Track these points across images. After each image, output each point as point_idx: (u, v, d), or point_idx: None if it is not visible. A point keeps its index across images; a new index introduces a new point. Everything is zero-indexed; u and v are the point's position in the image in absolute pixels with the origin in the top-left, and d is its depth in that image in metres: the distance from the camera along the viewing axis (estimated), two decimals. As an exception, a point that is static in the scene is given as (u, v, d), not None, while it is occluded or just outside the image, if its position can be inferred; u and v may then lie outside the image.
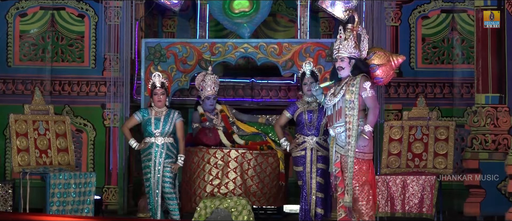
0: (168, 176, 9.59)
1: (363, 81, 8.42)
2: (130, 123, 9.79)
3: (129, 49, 11.30)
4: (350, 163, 8.40)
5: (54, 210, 9.53)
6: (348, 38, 8.53)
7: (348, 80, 8.50)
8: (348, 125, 8.41)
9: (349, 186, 8.39)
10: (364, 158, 8.46)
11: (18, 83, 11.80)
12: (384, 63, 8.66)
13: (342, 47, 8.52)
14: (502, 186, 10.10)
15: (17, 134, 9.88)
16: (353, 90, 8.41)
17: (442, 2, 11.94)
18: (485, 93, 10.47)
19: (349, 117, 8.41)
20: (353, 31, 8.58)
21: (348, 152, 8.40)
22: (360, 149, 8.41)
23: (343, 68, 8.53)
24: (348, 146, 8.41)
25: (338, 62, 8.55)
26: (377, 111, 8.48)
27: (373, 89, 8.44)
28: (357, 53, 8.55)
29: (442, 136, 10.17)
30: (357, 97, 8.40)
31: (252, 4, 11.67)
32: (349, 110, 8.42)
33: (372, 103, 8.43)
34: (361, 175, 8.44)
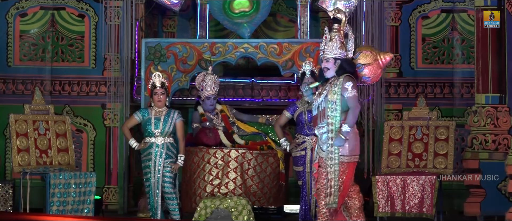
0: (168, 176, 9.59)
1: (345, 81, 8.29)
2: (130, 123, 9.79)
3: (129, 49, 11.30)
4: (334, 166, 8.24)
5: (54, 210, 9.53)
6: (333, 39, 8.43)
7: (333, 80, 8.40)
8: (330, 127, 8.28)
9: (334, 188, 8.25)
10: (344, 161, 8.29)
11: (18, 83, 11.80)
12: (371, 62, 8.55)
13: (327, 48, 8.42)
14: (502, 186, 10.10)
15: (17, 134, 9.88)
16: (336, 91, 8.29)
17: (442, 2, 11.94)
18: (485, 93, 10.47)
19: (331, 118, 8.27)
20: (340, 31, 8.49)
21: (332, 154, 8.23)
22: (341, 153, 8.24)
23: (329, 69, 8.41)
24: (331, 148, 8.25)
25: (324, 63, 8.44)
26: (357, 112, 8.33)
27: (355, 90, 8.30)
28: (343, 53, 8.43)
29: (442, 136, 10.17)
30: (339, 97, 8.28)
31: (252, 4, 11.67)
32: (331, 111, 8.29)
33: (353, 103, 8.29)
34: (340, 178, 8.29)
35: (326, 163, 8.26)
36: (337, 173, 8.23)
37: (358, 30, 11.26)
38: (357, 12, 11.33)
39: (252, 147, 10.16)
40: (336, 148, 8.21)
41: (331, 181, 8.25)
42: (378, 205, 9.80)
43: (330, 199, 8.26)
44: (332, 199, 8.26)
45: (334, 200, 8.26)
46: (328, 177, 8.25)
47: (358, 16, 11.32)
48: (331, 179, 8.25)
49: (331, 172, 8.24)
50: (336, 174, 8.23)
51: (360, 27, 11.28)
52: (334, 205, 8.27)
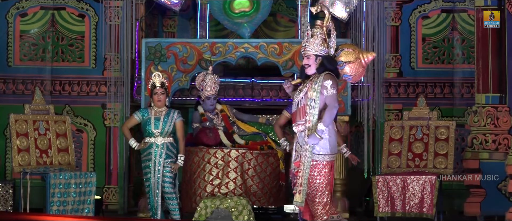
0: (168, 176, 9.59)
1: (325, 79, 8.24)
2: (130, 123, 9.79)
3: (130, 49, 11.29)
4: (306, 164, 8.21)
5: (54, 210, 9.53)
6: (315, 35, 8.38)
7: (313, 77, 8.35)
8: (307, 124, 8.25)
9: (303, 186, 8.21)
10: (325, 159, 8.27)
11: (18, 83, 11.80)
12: (352, 60, 8.46)
13: (308, 44, 8.36)
14: (503, 186, 10.11)
15: (18, 134, 9.88)
16: (315, 88, 8.24)
17: (442, 2, 11.94)
18: (485, 93, 10.47)
19: (309, 115, 8.23)
20: (322, 28, 8.44)
21: (305, 152, 8.22)
22: (318, 152, 8.22)
23: (309, 66, 8.36)
24: (306, 145, 8.23)
25: (305, 60, 8.40)
26: (335, 111, 8.25)
27: (334, 88, 8.25)
28: (325, 50, 8.37)
29: (442, 136, 10.17)
30: (318, 95, 8.23)
31: (253, 4, 11.66)
32: (310, 108, 8.24)
33: (331, 102, 8.23)
34: (322, 179, 8.25)
35: (301, 160, 8.26)
36: (307, 171, 8.20)
37: (358, 30, 11.26)
38: (357, 12, 11.33)
39: (252, 147, 10.16)
40: (309, 146, 8.19)
41: (301, 178, 8.23)
42: (378, 205, 9.80)
43: (299, 197, 8.23)
44: (301, 197, 8.22)
45: (302, 199, 8.21)
46: (299, 175, 8.24)
47: (358, 16, 11.32)
48: (301, 176, 8.23)
49: (302, 170, 8.23)
50: (307, 172, 8.20)
51: (360, 27, 11.28)
52: (301, 204, 8.23)
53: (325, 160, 8.26)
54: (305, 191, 8.22)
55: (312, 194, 8.27)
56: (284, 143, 9.68)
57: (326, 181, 8.26)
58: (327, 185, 8.27)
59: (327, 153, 8.27)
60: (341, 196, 10.62)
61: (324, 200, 8.28)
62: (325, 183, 8.25)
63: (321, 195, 8.26)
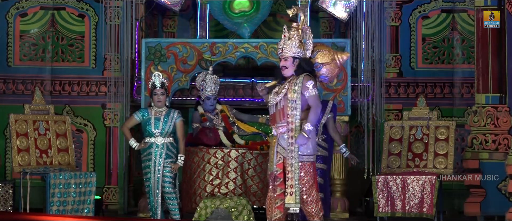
0: (168, 176, 9.59)
1: (306, 80, 8.30)
2: (130, 123, 9.80)
3: (129, 49, 11.29)
4: (295, 166, 8.26)
5: (54, 210, 9.53)
6: (292, 37, 8.43)
7: (292, 79, 8.39)
8: (290, 125, 8.28)
9: (295, 188, 8.26)
10: (309, 160, 8.34)
11: (18, 83, 11.80)
12: (329, 61, 8.58)
13: (285, 46, 8.41)
14: (503, 186, 10.10)
15: (18, 134, 9.88)
16: (296, 89, 8.29)
17: (442, 2, 11.95)
18: (485, 93, 10.47)
19: (291, 117, 8.28)
20: (298, 30, 8.48)
21: (292, 153, 8.26)
22: (303, 152, 8.29)
23: (287, 68, 8.41)
24: (291, 146, 8.27)
25: (282, 62, 8.44)
26: (319, 111, 8.34)
27: (316, 89, 8.33)
28: (301, 52, 8.44)
29: (442, 136, 10.17)
30: (299, 96, 8.28)
31: (252, 4, 11.67)
32: (291, 109, 8.29)
33: (314, 102, 8.30)
34: (309, 178, 8.32)
35: (287, 162, 8.30)
36: (297, 172, 8.26)
37: (358, 30, 11.26)
38: (357, 12, 11.33)
39: (252, 147, 10.16)
40: (296, 147, 8.24)
41: (292, 180, 8.26)
42: (378, 205, 9.80)
43: (292, 199, 8.27)
44: (294, 199, 8.27)
45: (297, 200, 8.26)
46: (289, 176, 8.28)
47: (358, 16, 11.33)
48: (292, 178, 8.27)
49: (292, 171, 8.27)
50: (296, 173, 8.25)
51: (360, 27, 11.28)
52: (296, 205, 8.27)
53: (309, 160, 8.34)
54: (298, 192, 8.27)
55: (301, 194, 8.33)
56: (284, 143, 9.67)
57: (312, 180, 8.34)
58: (313, 184, 8.34)
59: (311, 153, 8.37)
60: (341, 196, 10.62)
61: (315, 197, 8.35)
62: (311, 182, 8.32)
63: (310, 194, 8.33)
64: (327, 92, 10.52)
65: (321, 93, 10.34)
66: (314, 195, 8.35)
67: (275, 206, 8.44)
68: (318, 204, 8.38)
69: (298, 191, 8.26)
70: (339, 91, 10.55)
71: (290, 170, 8.27)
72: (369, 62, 11.17)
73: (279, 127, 8.39)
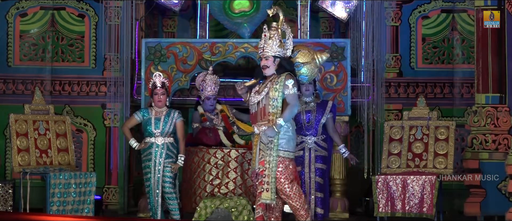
0: (168, 176, 9.60)
1: (286, 79, 8.43)
2: (130, 123, 9.80)
3: (129, 49, 11.29)
4: (272, 163, 8.37)
5: (54, 210, 9.53)
6: (272, 37, 8.52)
7: (273, 78, 8.50)
8: (270, 124, 8.40)
9: (271, 184, 8.34)
10: (289, 156, 8.46)
11: (18, 83, 11.80)
12: (309, 61, 8.72)
13: (266, 46, 8.52)
14: (502, 186, 10.10)
15: (17, 134, 9.88)
16: (277, 88, 8.41)
17: (442, 2, 11.95)
18: (485, 93, 10.47)
19: (272, 115, 8.40)
20: (278, 30, 8.55)
21: (270, 151, 8.38)
22: (283, 147, 8.40)
23: (268, 67, 8.52)
24: (271, 144, 8.39)
25: (263, 61, 8.55)
26: (295, 110, 8.47)
27: (295, 87, 8.45)
28: (282, 51, 8.54)
29: (442, 136, 10.17)
30: (280, 95, 8.41)
31: (252, 4, 11.66)
32: (272, 108, 8.41)
33: (292, 100, 8.44)
34: (289, 173, 8.43)
35: (265, 159, 8.37)
36: (274, 169, 8.35)
37: (358, 30, 11.25)
38: (357, 12, 11.33)
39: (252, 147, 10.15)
40: (275, 145, 8.33)
41: (268, 177, 8.32)
42: (378, 205, 9.80)
43: (268, 195, 8.36)
44: (270, 195, 8.35)
45: (272, 196, 8.35)
46: (266, 173, 8.34)
47: (358, 16, 11.32)
48: (268, 175, 8.31)
49: (268, 168, 8.35)
50: (273, 170, 8.34)
51: (360, 27, 11.28)
52: (272, 201, 8.36)
53: (289, 157, 8.45)
54: (274, 188, 8.36)
55: (283, 190, 8.42)
56: (284, 143, 9.68)
57: (291, 177, 8.42)
58: (293, 180, 8.43)
59: (290, 150, 8.47)
60: (341, 196, 10.62)
61: (295, 191, 8.44)
62: (291, 178, 8.41)
63: (288, 187, 8.41)
64: (327, 92, 10.52)
65: (321, 93, 10.34)
66: (295, 189, 8.45)
67: (257, 203, 8.53)
68: (301, 197, 8.50)
69: (274, 187, 8.35)
70: (339, 91, 10.55)
71: (268, 166, 8.37)
72: (369, 62, 11.17)
73: (261, 125, 8.47)
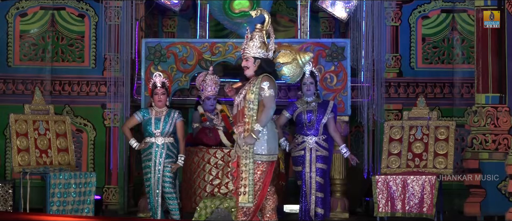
0: (168, 176, 9.60)
1: (262, 81, 8.34)
2: (131, 123, 9.80)
3: (129, 49, 11.28)
4: (250, 165, 8.28)
5: (54, 210, 9.53)
6: (253, 38, 8.48)
7: (252, 80, 8.45)
8: (246, 126, 8.32)
9: (249, 187, 8.27)
10: (262, 159, 8.34)
11: (18, 83, 11.80)
12: (289, 61, 8.62)
13: (247, 47, 8.47)
14: (502, 186, 10.11)
15: (17, 134, 9.88)
16: (254, 90, 8.33)
17: (442, 2, 11.95)
18: (485, 93, 10.47)
19: (247, 117, 8.32)
20: (261, 31, 8.50)
21: (247, 154, 8.29)
22: (257, 151, 8.30)
23: (248, 68, 8.46)
24: (246, 146, 8.29)
25: (243, 62, 8.50)
26: (271, 112, 8.33)
27: (272, 89, 8.33)
28: (263, 52, 8.45)
29: (442, 136, 10.17)
30: (257, 97, 8.32)
31: (252, 4, 11.66)
32: (248, 110, 8.34)
33: (268, 103, 8.31)
34: (257, 177, 8.33)
35: (242, 162, 8.31)
36: (251, 171, 8.28)
37: (358, 30, 11.26)
38: (357, 12, 11.33)
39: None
40: (251, 147, 8.26)
41: (246, 180, 8.28)
42: (378, 205, 9.80)
43: (245, 198, 8.30)
44: (248, 198, 8.29)
45: (250, 199, 8.29)
46: (243, 176, 8.29)
47: (358, 16, 11.32)
48: (246, 178, 8.28)
49: (246, 171, 8.29)
50: (250, 172, 8.28)
51: (360, 27, 11.28)
52: (250, 204, 8.29)
53: (261, 159, 8.33)
54: (252, 191, 8.29)
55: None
56: (284, 143, 9.68)
57: (255, 179, 8.32)
58: (260, 186, 8.34)
59: (264, 153, 8.34)
60: (341, 196, 10.62)
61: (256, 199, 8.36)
62: (259, 184, 8.33)
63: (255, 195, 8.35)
64: (327, 92, 10.52)
65: (321, 93, 10.34)
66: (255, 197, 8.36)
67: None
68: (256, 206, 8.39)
69: (252, 190, 8.29)
70: (339, 91, 10.55)
71: (245, 169, 8.30)
72: (369, 62, 11.16)
73: (239, 126, 8.43)
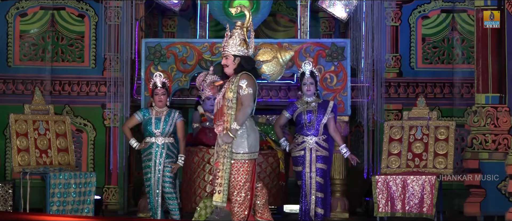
0: (168, 176, 9.60)
1: (241, 79, 8.34)
2: (131, 122, 9.80)
3: (129, 49, 11.29)
4: (226, 164, 8.31)
5: (54, 210, 9.53)
6: (233, 36, 8.48)
7: (231, 78, 8.44)
8: (225, 124, 8.33)
9: (224, 186, 8.30)
10: (242, 158, 8.36)
11: (18, 83, 11.80)
12: (269, 59, 8.63)
13: (226, 44, 8.48)
14: (502, 186, 10.11)
15: (17, 134, 9.88)
16: (232, 89, 8.34)
17: (442, 2, 11.95)
18: (485, 93, 10.47)
19: (226, 116, 8.34)
20: (242, 29, 8.50)
21: (224, 153, 8.31)
22: (236, 150, 8.32)
23: (228, 66, 8.47)
24: (224, 145, 8.32)
25: (223, 60, 8.51)
26: (249, 110, 8.34)
27: (250, 88, 8.34)
28: (243, 50, 8.46)
29: (442, 136, 10.17)
30: (235, 95, 8.32)
31: (252, 4, 11.66)
32: (227, 109, 8.35)
33: (245, 101, 8.32)
34: (239, 176, 8.35)
35: (219, 161, 8.34)
36: (228, 171, 8.30)
37: (358, 30, 11.26)
38: (357, 12, 11.33)
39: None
40: (229, 146, 8.27)
41: (222, 178, 8.29)
42: (378, 205, 9.80)
43: (219, 197, 8.32)
44: (222, 197, 8.32)
45: (224, 199, 8.31)
46: (219, 175, 8.31)
47: (358, 16, 11.33)
48: (222, 177, 8.29)
49: (222, 170, 8.31)
50: (227, 172, 8.29)
51: (360, 27, 11.28)
52: (223, 203, 8.32)
53: (243, 159, 8.35)
54: (226, 190, 8.30)
55: (230, 192, 8.38)
56: (284, 143, 9.68)
57: (243, 180, 8.34)
58: (244, 184, 8.36)
59: (245, 152, 8.35)
60: (341, 196, 10.62)
61: (240, 199, 8.37)
62: (242, 182, 8.34)
63: (238, 194, 8.37)
64: (327, 92, 10.52)
65: (321, 93, 10.34)
66: (242, 196, 8.37)
67: None
68: (242, 205, 8.39)
69: (226, 190, 8.30)
70: (339, 91, 10.55)
71: (221, 168, 8.31)
72: (369, 62, 11.16)
73: (218, 125, 8.42)
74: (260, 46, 8.68)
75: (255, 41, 10.64)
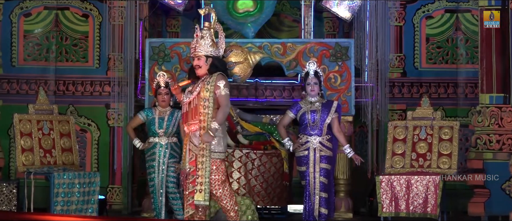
0: (172, 176, 9.60)
1: (218, 79, 8.40)
2: (134, 122, 9.81)
3: (133, 49, 11.30)
4: (206, 163, 8.35)
5: (58, 209, 9.54)
6: (204, 36, 8.52)
7: (205, 78, 8.48)
8: (202, 124, 8.37)
9: (205, 185, 8.34)
10: (220, 157, 8.44)
11: (22, 83, 11.81)
12: (241, 60, 8.71)
13: (198, 45, 8.51)
14: (507, 186, 10.10)
15: (22, 134, 9.89)
16: (209, 88, 8.39)
17: (446, 2, 11.94)
18: (489, 93, 10.46)
19: (203, 115, 8.38)
20: (210, 29, 8.55)
21: (203, 151, 8.35)
22: (214, 149, 8.39)
23: (200, 67, 8.50)
24: (202, 144, 8.36)
25: (195, 61, 8.53)
26: (227, 110, 8.46)
27: (227, 88, 8.42)
28: (214, 51, 8.52)
29: (446, 136, 10.16)
30: (212, 95, 8.38)
31: (256, 4, 11.66)
32: (203, 108, 8.39)
33: (224, 101, 8.40)
34: (220, 174, 8.42)
35: (198, 160, 8.36)
36: (208, 169, 8.34)
37: (362, 30, 11.25)
38: (361, 12, 11.33)
39: (256, 147, 10.16)
40: (207, 146, 8.33)
41: (202, 177, 8.34)
42: (382, 205, 9.79)
43: (201, 196, 8.36)
44: (203, 196, 8.35)
45: (206, 197, 8.34)
46: (199, 174, 8.34)
47: (362, 16, 11.32)
48: (202, 175, 8.34)
49: (202, 169, 8.35)
50: (207, 170, 8.34)
51: (364, 27, 11.28)
52: (205, 202, 8.35)
53: (220, 157, 8.43)
54: (208, 189, 8.35)
55: (213, 191, 8.42)
56: (288, 143, 9.68)
57: (224, 177, 8.43)
58: (225, 181, 8.44)
59: (222, 151, 8.46)
60: (345, 196, 10.62)
61: (226, 192, 8.44)
62: (223, 179, 8.42)
63: (220, 189, 8.41)
64: (331, 92, 10.51)
65: (325, 93, 10.34)
66: (226, 190, 8.46)
67: (187, 203, 8.51)
68: (232, 199, 8.49)
69: (208, 188, 8.35)
70: (343, 91, 10.55)
71: (201, 167, 8.35)
72: (373, 62, 11.17)
73: (191, 125, 8.47)
74: (231, 47, 8.72)
75: (259, 41, 10.73)
